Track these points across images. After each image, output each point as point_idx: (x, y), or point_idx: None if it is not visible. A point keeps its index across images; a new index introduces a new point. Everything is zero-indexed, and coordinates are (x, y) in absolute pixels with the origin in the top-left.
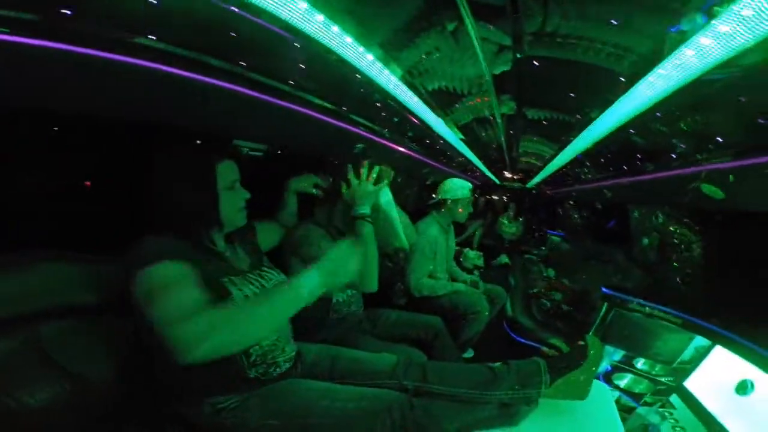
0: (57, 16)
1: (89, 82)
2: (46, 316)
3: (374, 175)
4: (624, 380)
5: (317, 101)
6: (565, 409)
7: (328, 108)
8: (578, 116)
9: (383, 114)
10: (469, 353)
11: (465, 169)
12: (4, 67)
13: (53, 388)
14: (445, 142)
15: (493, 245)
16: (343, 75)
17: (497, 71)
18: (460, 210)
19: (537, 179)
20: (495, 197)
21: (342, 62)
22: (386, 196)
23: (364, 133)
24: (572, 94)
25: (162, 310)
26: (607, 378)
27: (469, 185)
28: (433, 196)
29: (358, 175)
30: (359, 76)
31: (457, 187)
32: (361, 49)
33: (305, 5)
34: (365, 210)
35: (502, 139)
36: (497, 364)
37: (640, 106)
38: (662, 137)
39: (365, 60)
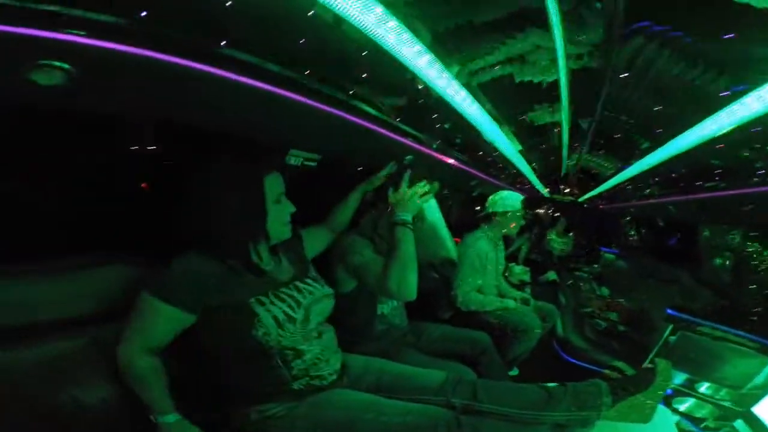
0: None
1: (144, 85)
2: (106, 318)
3: (421, 188)
4: (685, 404)
5: (370, 110)
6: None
7: (379, 118)
8: (656, 132)
9: (435, 123)
10: (514, 371)
11: (514, 182)
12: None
13: (113, 388)
14: (500, 153)
15: (541, 261)
16: (400, 79)
17: (570, 81)
18: (511, 224)
19: (591, 193)
20: (543, 210)
21: (399, 65)
22: (433, 207)
23: (413, 144)
24: (655, 109)
25: (128, 327)
26: (667, 401)
27: (521, 197)
28: (477, 208)
29: (407, 184)
30: (415, 81)
31: (508, 200)
32: (417, 48)
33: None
34: (407, 217)
35: (564, 152)
36: (552, 384)
37: (725, 125)
38: (746, 159)
39: (422, 63)
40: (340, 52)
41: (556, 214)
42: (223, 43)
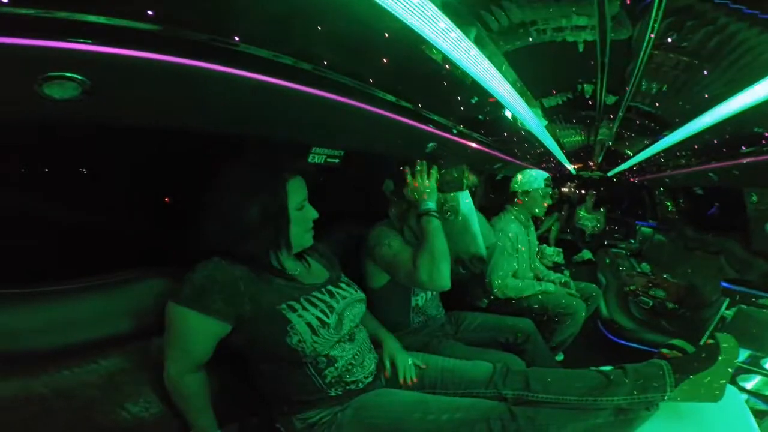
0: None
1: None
2: (154, 332)
3: (432, 173)
4: (752, 382)
5: (391, 98)
6: (688, 413)
7: (402, 106)
8: (688, 107)
9: (458, 104)
10: (559, 357)
11: (539, 161)
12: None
13: (164, 401)
14: (527, 131)
15: (573, 240)
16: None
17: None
18: (538, 204)
19: (622, 167)
20: (570, 188)
21: (425, 44)
22: (467, 201)
23: (435, 131)
24: (689, 84)
25: (168, 346)
26: (731, 380)
27: (545, 175)
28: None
29: (424, 174)
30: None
31: (531, 178)
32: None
33: None
34: (431, 205)
35: (597, 124)
36: (608, 367)
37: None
38: None
39: (448, 37)
40: (352, 35)
41: (585, 191)
42: (236, 38)
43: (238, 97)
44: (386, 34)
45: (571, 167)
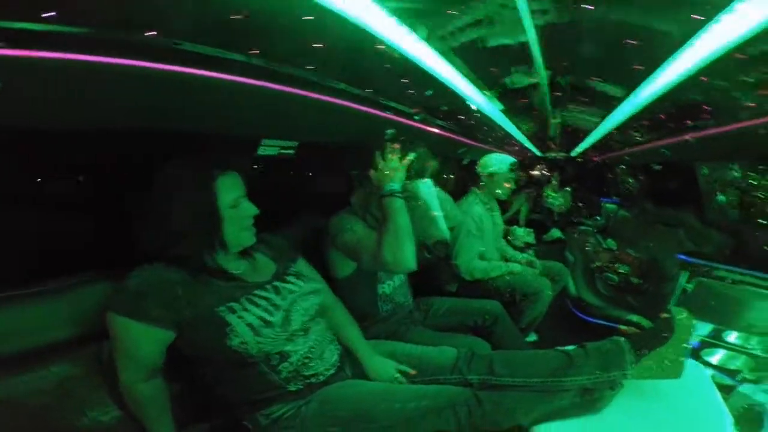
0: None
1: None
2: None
3: (400, 156)
4: (716, 356)
5: (342, 86)
6: (653, 391)
7: (353, 93)
8: (627, 79)
9: (412, 92)
10: (532, 337)
11: (502, 144)
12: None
13: (121, 406)
14: (483, 115)
15: (543, 220)
16: (363, 48)
17: (541, 36)
18: (505, 185)
19: (582, 147)
20: (537, 170)
21: (361, 32)
22: (427, 187)
23: (395, 117)
24: (620, 57)
25: (116, 355)
26: (696, 355)
27: (510, 159)
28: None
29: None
30: (382, 47)
31: (494, 162)
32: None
33: None
34: (395, 186)
35: (547, 107)
36: (571, 347)
37: (698, 63)
38: (724, 92)
39: (387, 26)
40: (294, 25)
41: (551, 172)
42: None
43: (159, 93)
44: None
45: (535, 149)
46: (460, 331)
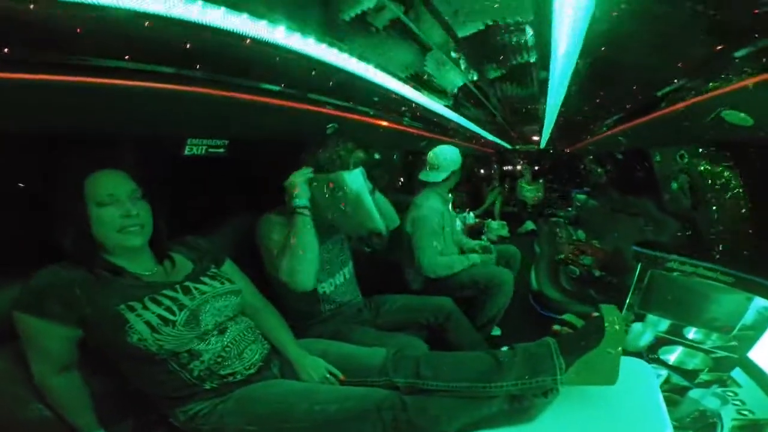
0: None
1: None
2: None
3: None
4: (673, 354)
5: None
6: (593, 397)
7: (281, 92)
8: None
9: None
10: (496, 331)
11: (465, 138)
12: None
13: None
14: (429, 111)
15: (517, 212)
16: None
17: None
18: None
19: (544, 137)
20: (513, 162)
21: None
22: (355, 178)
23: (335, 112)
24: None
25: (26, 351)
26: (653, 352)
27: (456, 150)
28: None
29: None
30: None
31: (447, 153)
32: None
33: None
34: (300, 201)
35: (489, 102)
36: (504, 349)
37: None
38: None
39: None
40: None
41: (524, 164)
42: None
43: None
44: None
45: (503, 143)
46: (413, 330)
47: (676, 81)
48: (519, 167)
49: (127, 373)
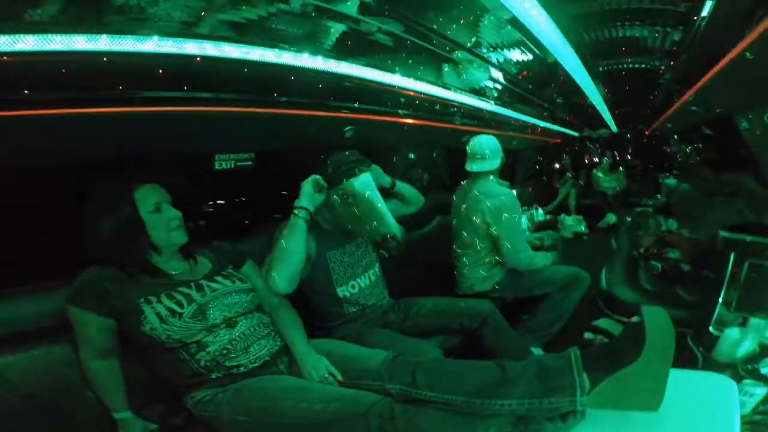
0: None
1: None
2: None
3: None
4: None
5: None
6: (641, 423)
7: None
8: None
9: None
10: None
11: (521, 129)
12: None
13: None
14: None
15: (595, 205)
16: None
17: None
18: None
19: (609, 120)
20: (583, 151)
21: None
22: (365, 182)
23: (354, 115)
24: None
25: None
26: (751, 365)
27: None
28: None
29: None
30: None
31: (492, 143)
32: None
33: None
34: (299, 202)
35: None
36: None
37: None
38: None
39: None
40: None
41: (599, 151)
42: None
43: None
44: None
45: (570, 131)
46: (446, 333)
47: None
48: (593, 155)
49: (149, 360)
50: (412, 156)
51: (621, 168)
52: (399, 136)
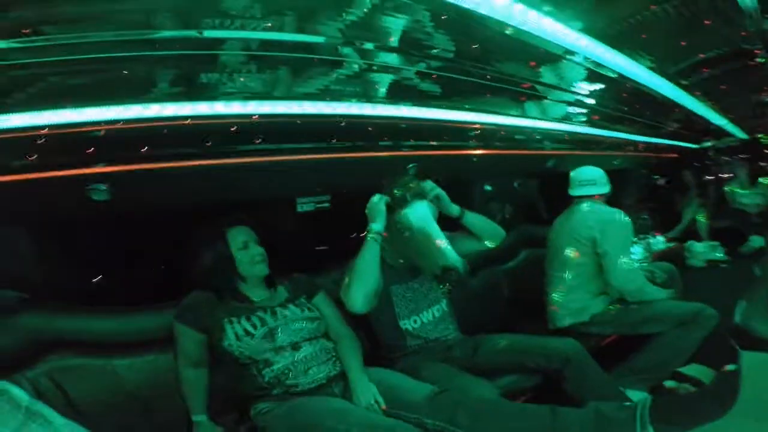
0: None
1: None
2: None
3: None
4: None
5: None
6: None
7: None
8: None
9: None
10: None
11: (617, 147)
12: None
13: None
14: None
15: (737, 227)
16: None
17: None
18: None
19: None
20: (711, 166)
21: None
22: (420, 213)
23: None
24: None
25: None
26: None
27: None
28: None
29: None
30: None
31: (597, 170)
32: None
33: None
34: (372, 226)
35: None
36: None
37: None
38: None
39: None
40: None
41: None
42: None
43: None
44: None
45: (688, 144)
46: (520, 374)
47: None
48: (723, 169)
49: (227, 373)
50: (488, 188)
51: (762, 180)
52: (476, 168)
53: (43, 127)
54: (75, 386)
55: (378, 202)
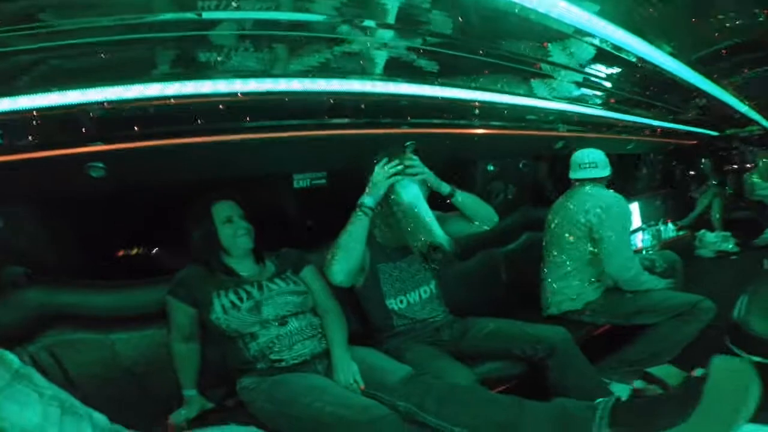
0: None
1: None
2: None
3: (391, 168)
4: None
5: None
6: None
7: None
8: None
9: None
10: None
11: (634, 130)
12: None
13: None
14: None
15: (753, 217)
16: None
17: None
18: None
19: (746, 109)
20: (731, 154)
21: None
22: (410, 188)
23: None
24: None
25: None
26: None
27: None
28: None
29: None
30: None
31: (599, 153)
32: None
33: None
34: (364, 200)
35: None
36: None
37: None
38: None
39: None
40: None
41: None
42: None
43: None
44: None
45: (707, 131)
46: (506, 360)
47: None
48: (744, 158)
49: (216, 347)
50: (491, 168)
51: None
52: (478, 147)
53: (44, 109)
54: (72, 360)
55: (385, 174)
